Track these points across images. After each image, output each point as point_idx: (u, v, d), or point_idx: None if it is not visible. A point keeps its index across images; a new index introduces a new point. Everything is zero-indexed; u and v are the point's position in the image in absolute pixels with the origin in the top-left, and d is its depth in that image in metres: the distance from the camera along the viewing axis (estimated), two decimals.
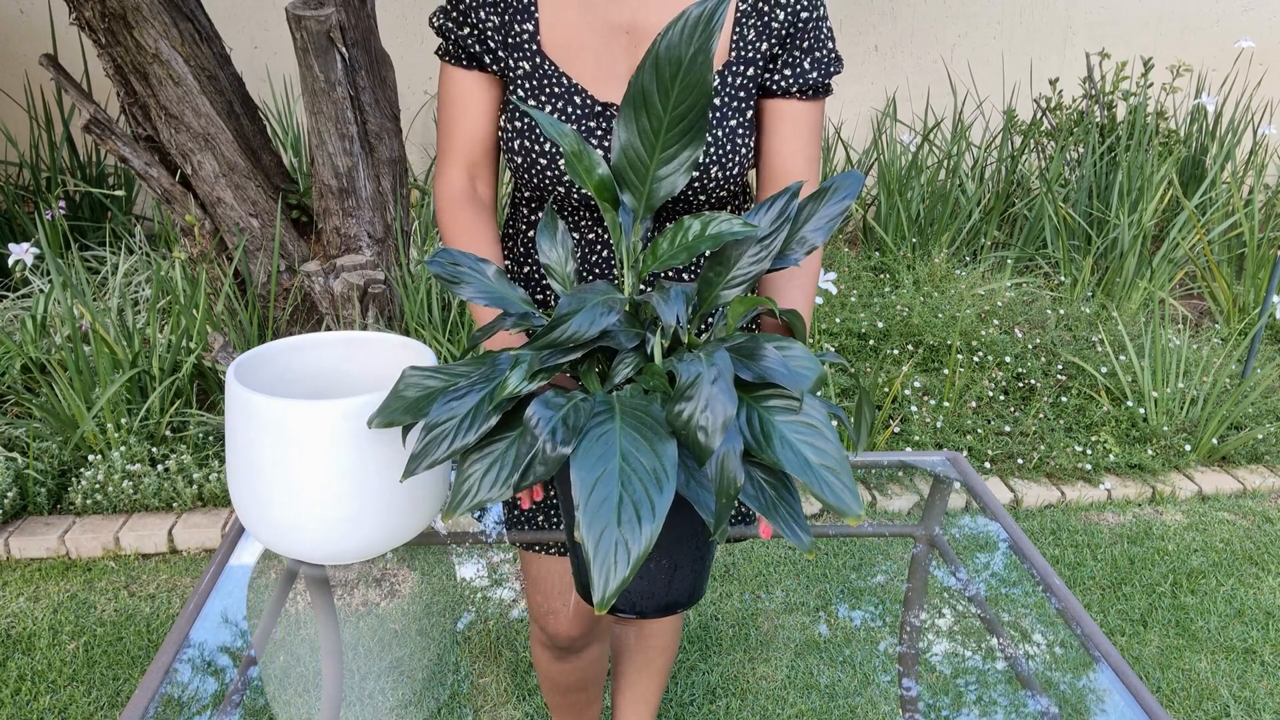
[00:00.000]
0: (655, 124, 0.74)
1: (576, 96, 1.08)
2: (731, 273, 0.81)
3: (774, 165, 1.13)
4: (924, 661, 1.96)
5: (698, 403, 0.66)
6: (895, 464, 2.06)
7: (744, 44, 1.08)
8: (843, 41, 4.67)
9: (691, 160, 0.76)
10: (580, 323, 0.72)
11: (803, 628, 2.17)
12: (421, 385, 0.79)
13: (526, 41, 1.08)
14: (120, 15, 2.53)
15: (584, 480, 0.64)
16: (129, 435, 2.54)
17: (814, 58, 1.10)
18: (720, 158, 1.09)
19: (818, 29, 1.09)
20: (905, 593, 1.49)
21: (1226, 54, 4.89)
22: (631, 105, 0.74)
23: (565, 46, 1.08)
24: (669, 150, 0.75)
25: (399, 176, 2.91)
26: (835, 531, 2.50)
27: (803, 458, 0.68)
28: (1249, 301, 3.60)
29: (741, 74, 1.09)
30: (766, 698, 1.98)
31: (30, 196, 3.84)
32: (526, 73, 1.08)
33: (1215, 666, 2.11)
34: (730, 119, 1.09)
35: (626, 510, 0.63)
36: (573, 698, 1.56)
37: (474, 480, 0.74)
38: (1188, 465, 2.87)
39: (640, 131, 0.75)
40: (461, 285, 0.82)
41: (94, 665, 2.07)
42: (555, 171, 1.09)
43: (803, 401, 0.71)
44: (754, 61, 1.09)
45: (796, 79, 1.10)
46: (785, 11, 1.08)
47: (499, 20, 1.08)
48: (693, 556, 0.82)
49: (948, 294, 3.43)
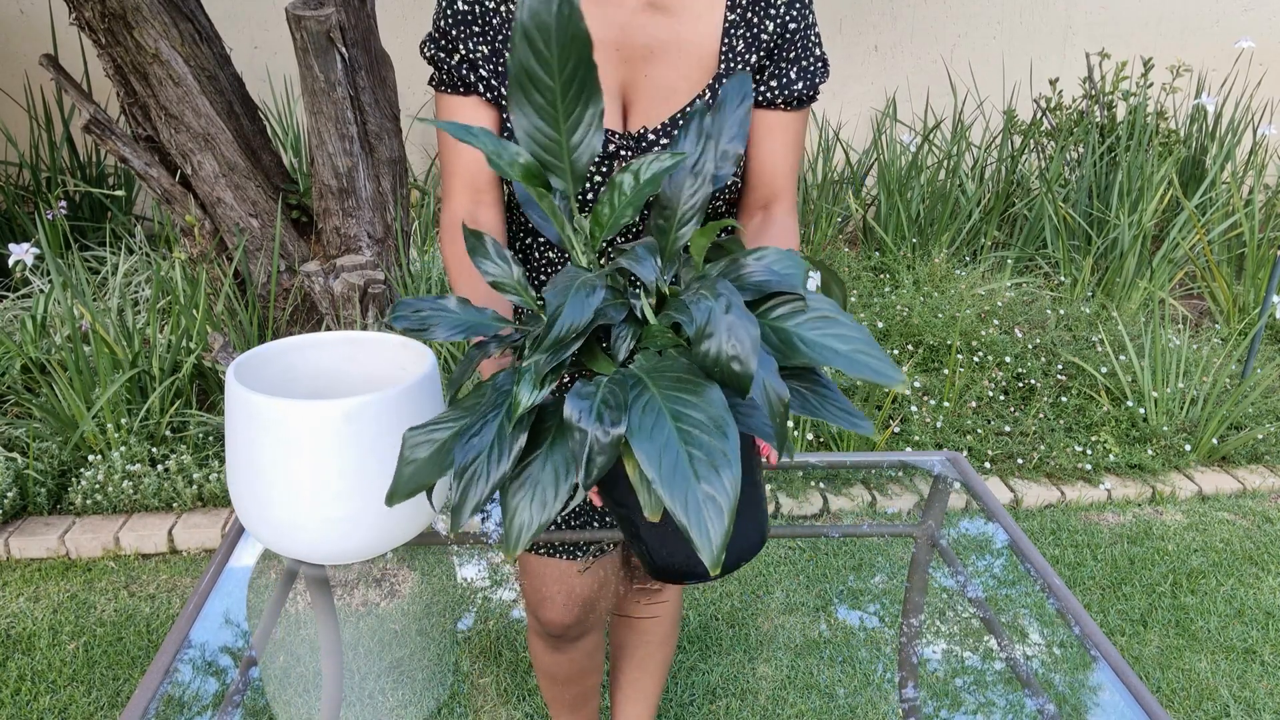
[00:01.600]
0: (549, 96, 0.71)
1: None
2: (679, 210, 0.80)
3: (755, 174, 1.14)
4: (924, 661, 1.96)
5: (720, 336, 0.65)
6: (895, 464, 2.06)
7: (733, 55, 1.08)
8: (843, 41, 4.68)
9: (597, 115, 0.73)
10: (572, 313, 0.70)
11: (803, 628, 2.17)
12: (430, 441, 0.76)
13: None
14: (120, 15, 2.53)
15: (649, 453, 0.63)
16: (129, 435, 2.54)
17: (800, 67, 1.10)
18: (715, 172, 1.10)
19: (805, 38, 1.09)
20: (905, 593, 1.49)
21: (1226, 54, 4.89)
22: (519, 87, 0.70)
23: None
24: (572, 116, 0.72)
25: (399, 176, 2.91)
26: (836, 532, 2.50)
27: (831, 349, 0.67)
28: (1249, 301, 3.60)
29: None
30: (766, 698, 1.98)
31: (30, 196, 3.84)
32: None
33: (1215, 666, 2.11)
34: None
35: (701, 466, 0.62)
36: (570, 690, 1.56)
37: (522, 512, 0.71)
38: (1188, 465, 2.87)
39: (537, 109, 0.71)
40: (431, 329, 0.80)
41: (94, 665, 2.07)
42: None
43: (805, 298, 0.70)
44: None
45: (782, 90, 1.10)
46: (774, 23, 1.07)
47: (488, 49, 1.07)
48: (751, 497, 0.83)
49: (948, 294, 3.43)
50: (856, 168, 4.38)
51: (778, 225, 1.13)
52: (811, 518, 2.62)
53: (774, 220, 1.14)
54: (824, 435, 2.75)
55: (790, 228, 1.14)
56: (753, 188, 1.15)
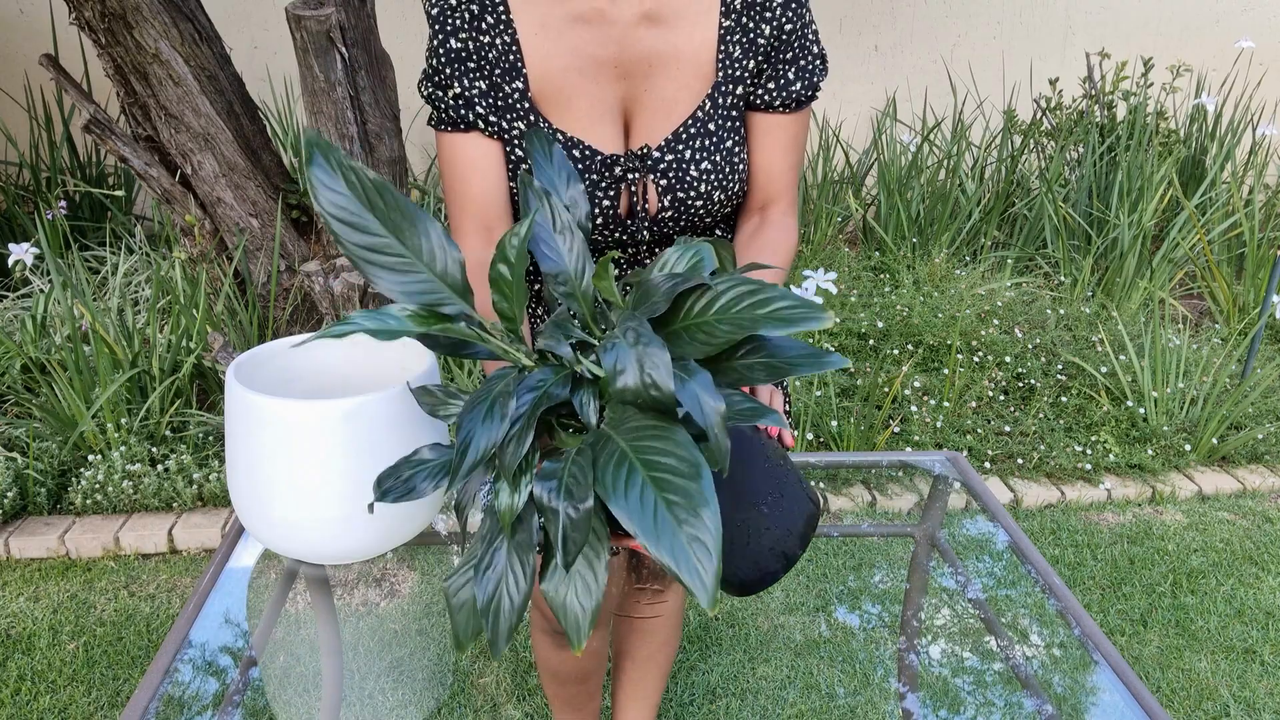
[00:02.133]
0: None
1: (575, 150, 1.07)
2: (569, 269, 0.81)
3: (758, 180, 1.13)
4: (924, 661, 1.96)
5: (631, 369, 0.66)
6: (895, 464, 2.06)
7: (730, 62, 1.07)
8: (843, 41, 4.68)
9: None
10: (483, 438, 0.68)
11: (803, 628, 2.17)
12: (468, 582, 0.75)
13: (518, 101, 1.06)
14: (120, 15, 2.53)
15: (628, 511, 0.62)
16: (129, 435, 2.54)
17: (798, 68, 1.08)
18: (721, 181, 1.09)
19: (802, 37, 1.07)
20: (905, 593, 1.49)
21: (1226, 54, 4.89)
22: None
23: (556, 97, 1.06)
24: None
25: (399, 177, 2.91)
26: (836, 532, 2.50)
27: (752, 318, 0.67)
28: (1249, 301, 3.60)
29: (731, 93, 1.08)
30: (766, 698, 1.98)
31: (30, 196, 3.84)
32: (522, 132, 1.07)
33: (1215, 666, 2.11)
34: (726, 140, 1.08)
35: (680, 511, 0.61)
36: (572, 689, 1.57)
37: (573, 607, 0.69)
38: (1188, 465, 2.87)
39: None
40: (419, 487, 0.78)
41: (94, 665, 2.07)
42: None
43: (711, 285, 0.70)
44: (741, 80, 1.07)
45: (780, 91, 1.08)
46: (770, 26, 1.06)
47: (486, 84, 1.05)
48: (778, 481, 0.83)
49: (948, 294, 3.43)
50: (856, 168, 4.38)
51: (772, 227, 1.12)
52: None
53: (770, 222, 1.13)
54: (824, 435, 2.75)
55: (785, 229, 1.12)
56: (751, 190, 1.14)
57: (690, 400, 0.66)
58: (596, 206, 1.09)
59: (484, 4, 1.04)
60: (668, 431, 0.65)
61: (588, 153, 1.07)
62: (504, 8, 1.04)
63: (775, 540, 0.84)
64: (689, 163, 1.08)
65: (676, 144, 1.07)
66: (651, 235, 1.14)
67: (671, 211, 1.10)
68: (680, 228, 1.12)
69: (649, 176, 1.08)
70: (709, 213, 1.11)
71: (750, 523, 0.83)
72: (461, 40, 1.05)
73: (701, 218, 1.12)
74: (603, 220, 1.10)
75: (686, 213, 1.10)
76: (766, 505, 0.83)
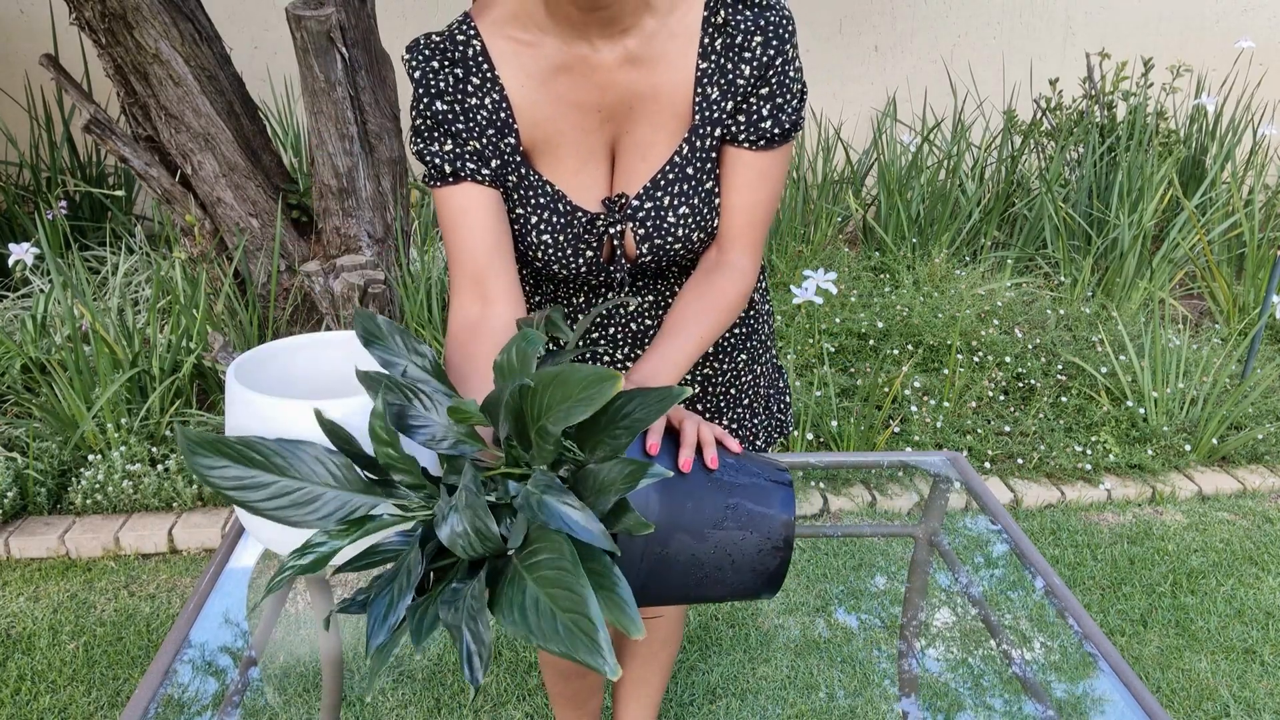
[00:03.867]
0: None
1: (560, 204, 1.07)
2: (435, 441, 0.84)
3: (721, 207, 1.10)
4: (924, 661, 1.96)
5: (450, 520, 0.73)
6: (895, 464, 2.06)
7: (708, 104, 1.04)
8: (842, 41, 4.68)
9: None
10: (378, 633, 0.73)
11: (803, 628, 2.17)
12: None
13: (510, 154, 1.05)
14: (120, 15, 2.53)
15: (518, 621, 0.67)
16: (129, 435, 2.54)
17: (774, 104, 1.04)
18: (701, 223, 1.08)
19: (782, 73, 1.03)
20: (905, 593, 1.49)
21: (1226, 54, 4.89)
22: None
23: (545, 148, 1.06)
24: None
25: (399, 176, 2.91)
26: (836, 532, 2.50)
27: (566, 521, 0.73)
28: (1249, 301, 3.60)
29: (709, 135, 1.06)
30: (766, 698, 1.98)
31: (30, 196, 3.84)
32: (515, 184, 1.07)
33: (1215, 666, 2.11)
34: (705, 182, 1.07)
35: (562, 600, 0.67)
36: (574, 685, 1.58)
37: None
38: (1188, 465, 2.87)
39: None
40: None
41: (94, 665, 2.07)
42: (548, 272, 1.13)
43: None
44: (720, 122, 1.05)
45: (749, 127, 1.05)
46: (750, 66, 1.03)
47: (478, 145, 1.04)
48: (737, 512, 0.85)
49: (948, 294, 3.43)
50: (856, 167, 4.38)
51: (722, 273, 1.08)
52: (811, 518, 2.62)
53: (721, 266, 1.09)
54: (824, 435, 2.75)
55: (734, 276, 1.08)
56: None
57: (559, 521, 0.71)
58: (580, 258, 1.10)
59: (468, 66, 1.03)
60: (550, 539, 0.71)
61: (570, 208, 1.08)
62: (488, 65, 1.03)
63: (761, 539, 0.84)
64: (666, 209, 1.07)
65: (655, 191, 1.07)
66: (631, 277, 1.15)
67: (650, 257, 1.11)
68: (661, 267, 1.13)
69: (628, 225, 1.08)
70: (690, 251, 1.11)
71: (724, 544, 0.83)
72: (447, 103, 1.03)
73: (682, 257, 1.12)
74: (585, 270, 1.12)
75: (665, 255, 1.11)
76: (731, 520, 0.83)
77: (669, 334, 1.03)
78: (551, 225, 1.08)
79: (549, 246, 1.10)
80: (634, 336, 1.22)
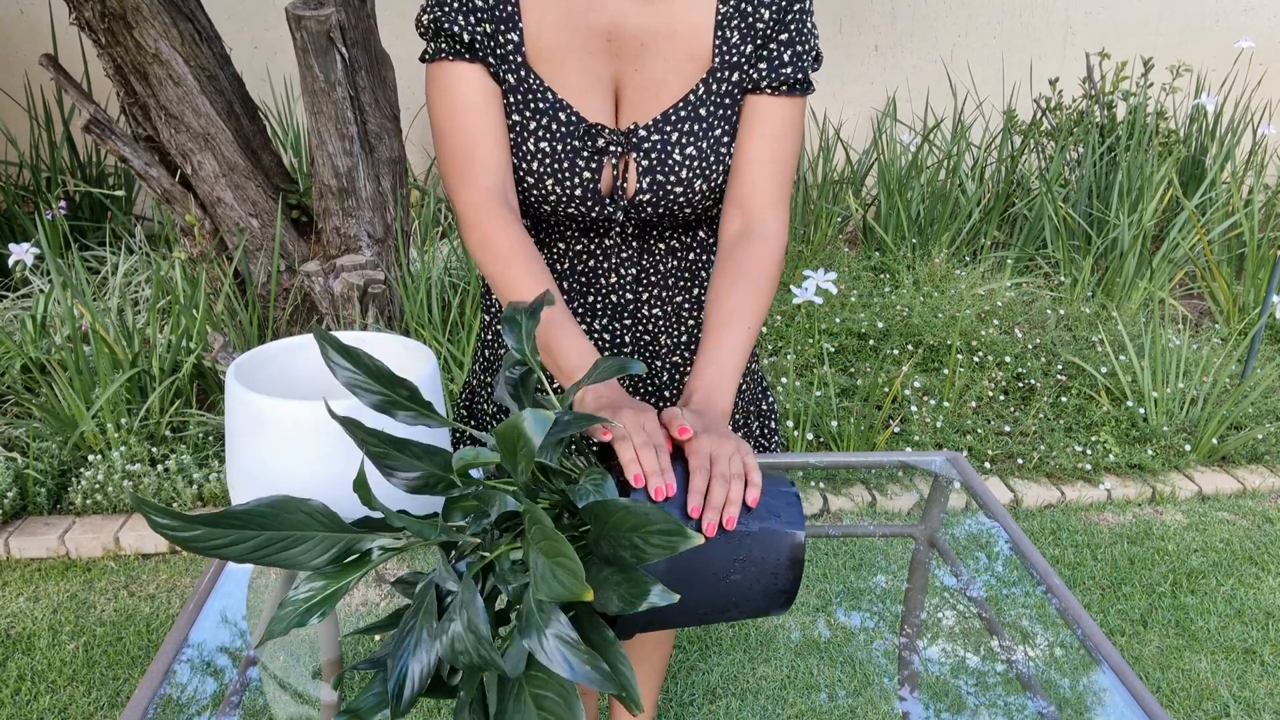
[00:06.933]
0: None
1: (562, 113, 1.04)
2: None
3: (738, 169, 1.07)
4: (924, 661, 1.96)
5: (458, 621, 0.70)
6: (895, 464, 2.06)
7: (727, 48, 1.04)
8: (843, 41, 4.68)
9: None
10: (414, 668, 0.72)
11: (803, 628, 2.17)
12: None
13: (512, 52, 1.04)
14: (120, 15, 2.53)
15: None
16: (129, 435, 2.54)
17: (794, 51, 1.05)
18: (704, 169, 1.06)
19: (800, 21, 1.05)
20: (905, 593, 1.49)
21: (1226, 54, 4.89)
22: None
23: (549, 56, 1.04)
24: None
25: (399, 176, 2.91)
26: (836, 532, 2.50)
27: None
28: (1249, 301, 3.60)
29: (726, 79, 1.05)
30: (766, 698, 1.98)
31: (30, 196, 3.84)
32: (512, 85, 1.04)
33: (1215, 666, 2.11)
34: (716, 128, 1.06)
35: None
36: None
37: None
38: (1188, 465, 2.87)
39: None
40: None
41: (94, 665, 2.07)
42: (541, 191, 1.06)
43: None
44: (738, 66, 1.05)
45: (771, 72, 1.04)
46: (770, 10, 1.03)
47: (487, 28, 1.03)
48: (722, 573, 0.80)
49: (948, 294, 3.43)
50: (856, 167, 4.38)
51: (754, 241, 1.04)
52: (811, 518, 2.62)
53: (750, 234, 1.05)
54: (824, 435, 2.75)
55: (767, 239, 1.04)
56: (731, 179, 1.08)
57: (559, 666, 0.69)
58: (576, 176, 1.06)
59: None
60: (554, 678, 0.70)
61: (574, 117, 1.04)
62: None
63: (769, 576, 0.80)
64: (674, 145, 1.05)
65: (665, 125, 1.05)
66: (628, 219, 1.09)
67: (650, 195, 1.07)
68: (659, 214, 1.09)
69: (632, 155, 1.06)
70: (689, 202, 1.08)
71: (730, 589, 0.79)
72: None
73: (681, 207, 1.08)
74: (581, 193, 1.06)
75: (665, 198, 1.07)
76: (738, 571, 0.79)
77: (717, 332, 1.00)
78: (551, 133, 1.04)
79: (546, 156, 1.05)
80: (614, 309, 1.17)
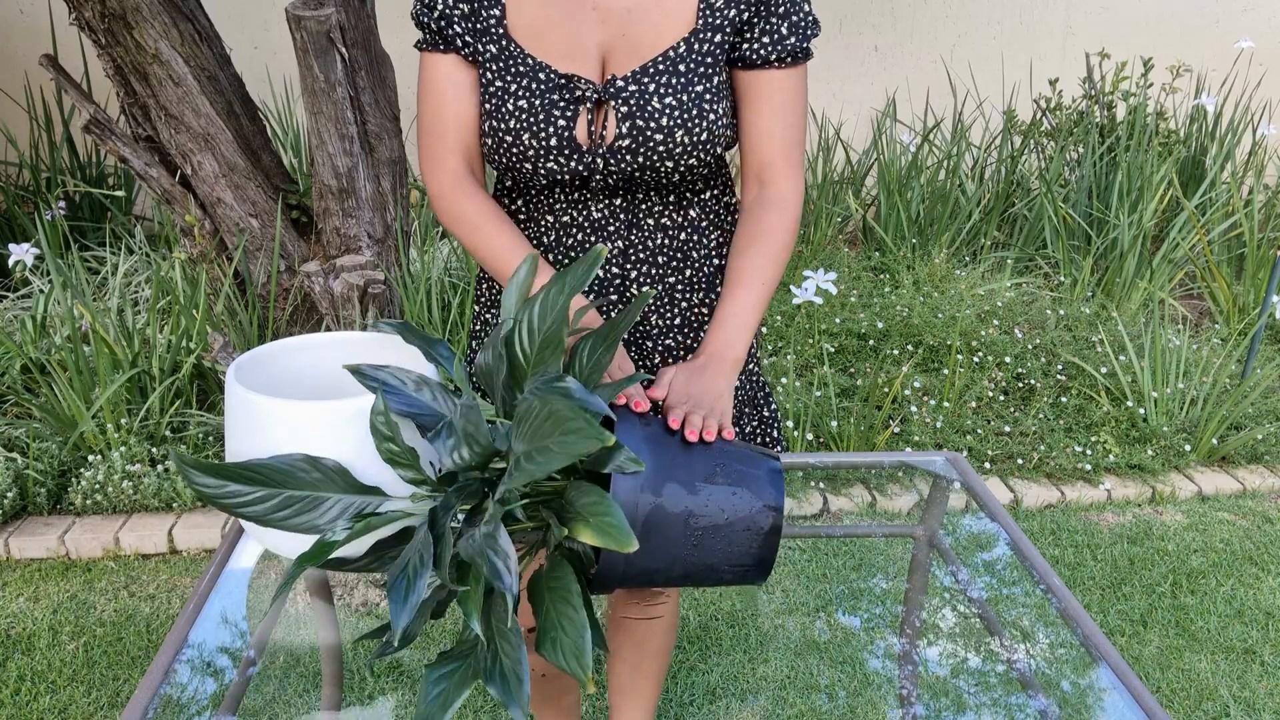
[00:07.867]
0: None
1: (540, 73, 1.08)
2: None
3: (752, 143, 1.12)
4: (924, 661, 1.96)
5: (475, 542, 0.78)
6: (895, 464, 2.06)
7: (711, 11, 1.07)
8: (842, 41, 4.68)
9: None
10: (402, 616, 0.76)
11: (803, 628, 2.17)
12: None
13: (493, 26, 1.08)
14: (120, 15, 2.53)
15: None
16: (129, 435, 2.54)
17: (791, 22, 1.08)
18: (685, 121, 1.07)
19: None
20: (905, 593, 1.49)
21: (1226, 54, 4.89)
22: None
23: (532, 28, 1.08)
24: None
25: (399, 176, 2.91)
26: (836, 532, 2.50)
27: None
28: (1249, 302, 3.60)
29: (709, 40, 1.08)
30: (766, 698, 1.98)
31: (30, 197, 3.84)
32: (493, 55, 1.09)
33: (1215, 666, 2.11)
34: (696, 84, 1.08)
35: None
36: (541, 686, 1.55)
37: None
38: (1188, 465, 2.87)
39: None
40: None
41: (94, 665, 2.07)
42: (520, 149, 1.09)
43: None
44: (721, 29, 1.07)
45: (775, 45, 1.08)
46: None
47: (467, 8, 1.08)
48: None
49: (947, 294, 3.43)
50: (856, 167, 4.38)
51: (769, 209, 1.11)
52: (811, 518, 2.62)
53: (766, 203, 1.12)
54: (824, 435, 2.75)
55: (782, 208, 1.12)
56: (745, 154, 1.14)
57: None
58: (551, 126, 1.08)
59: None
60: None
61: (551, 75, 1.08)
62: None
63: (752, 497, 0.86)
64: (652, 95, 1.07)
65: (642, 76, 1.07)
66: (608, 173, 1.11)
67: (629, 141, 1.08)
68: (639, 166, 1.10)
69: (610, 103, 1.08)
70: (670, 155, 1.09)
71: (716, 498, 0.86)
72: None
73: (663, 158, 1.09)
74: (556, 142, 1.08)
75: (645, 145, 1.08)
76: (721, 476, 0.87)
77: (734, 288, 1.08)
78: (529, 90, 1.08)
79: (523, 112, 1.08)
80: (601, 283, 1.19)
